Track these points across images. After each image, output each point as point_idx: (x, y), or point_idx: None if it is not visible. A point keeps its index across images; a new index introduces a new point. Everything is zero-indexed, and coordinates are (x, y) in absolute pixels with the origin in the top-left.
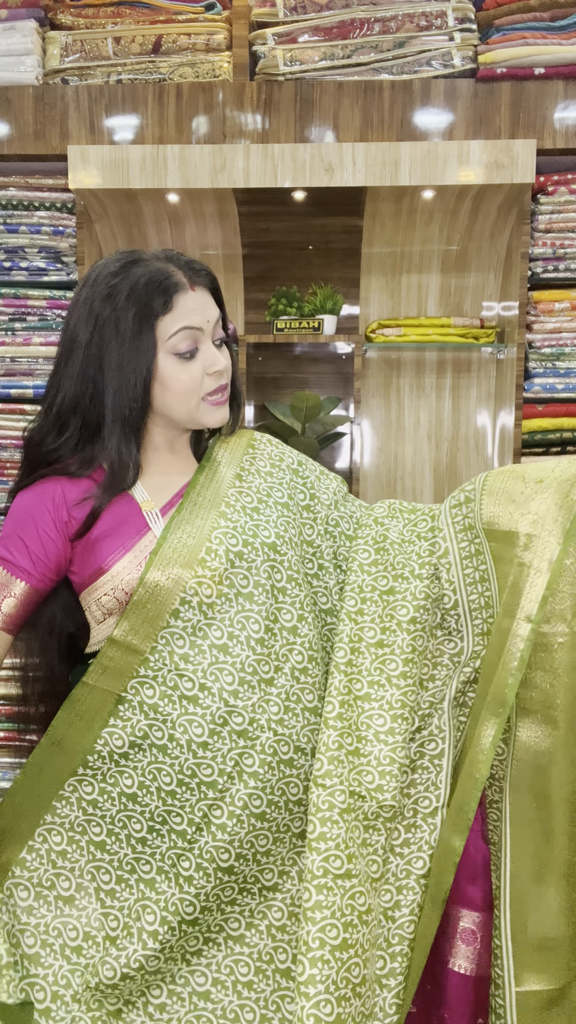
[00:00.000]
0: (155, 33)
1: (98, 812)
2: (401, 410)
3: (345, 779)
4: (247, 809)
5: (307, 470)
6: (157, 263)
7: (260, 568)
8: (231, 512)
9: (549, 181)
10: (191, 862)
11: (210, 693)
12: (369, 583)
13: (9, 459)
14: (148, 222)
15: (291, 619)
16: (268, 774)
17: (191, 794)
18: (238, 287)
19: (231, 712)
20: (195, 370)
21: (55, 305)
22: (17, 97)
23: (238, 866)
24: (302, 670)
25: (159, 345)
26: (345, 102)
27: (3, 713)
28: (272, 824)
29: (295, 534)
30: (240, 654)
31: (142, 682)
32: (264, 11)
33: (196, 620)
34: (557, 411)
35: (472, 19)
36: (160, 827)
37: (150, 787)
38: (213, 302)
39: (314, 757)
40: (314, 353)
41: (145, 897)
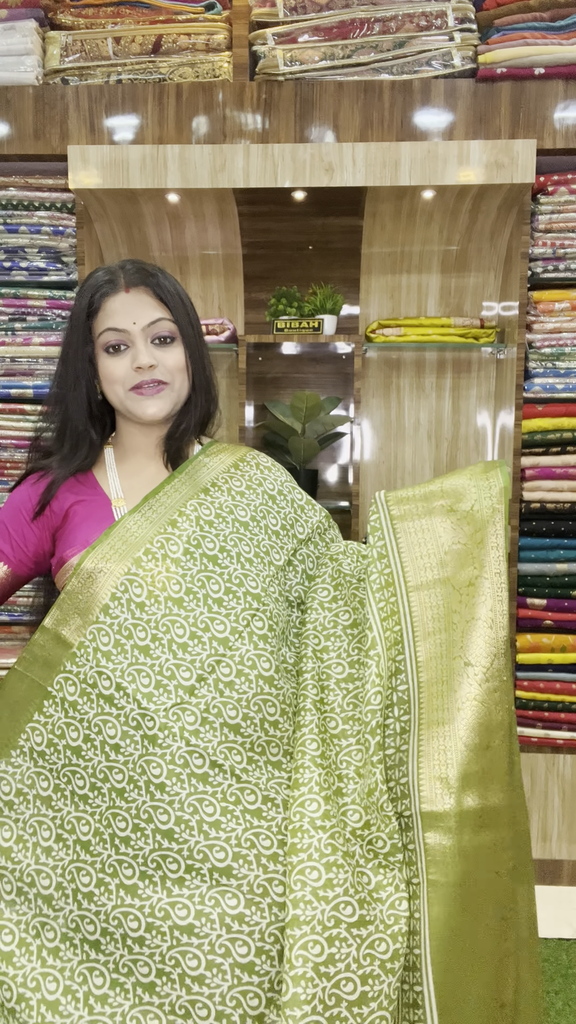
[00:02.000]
0: (155, 33)
1: (12, 814)
2: (401, 410)
3: (338, 819)
4: (152, 823)
5: (284, 500)
6: (106, 271)
7: (195, 576)
8: (182, 521)
9: (549, 181)
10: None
11: (125, 694)
12: (331, 619)
13: (9, 459)
14: (148, 222)
15: (223, 630)
16: (176, 786)
17: (102, 800)
18: (238, 287)
19: (143, 715)
20: (123, 364)
21: (55, 305)
22: (17, 97)
23: (141, 887)
24: (227, 683)
25: (95, 341)
26: (345, 102)
27: None
28: (183, 846)
29: (249, 552)
30: (160, 657)
31: (66, 678)
32: (264, 11)
33: (123, 619)
34: (557, 411)
35: (472, 19)
36: (67, 835)
37: (64, 790)
38: (153, 303)
39: (234, 777)
40: (314, 353)
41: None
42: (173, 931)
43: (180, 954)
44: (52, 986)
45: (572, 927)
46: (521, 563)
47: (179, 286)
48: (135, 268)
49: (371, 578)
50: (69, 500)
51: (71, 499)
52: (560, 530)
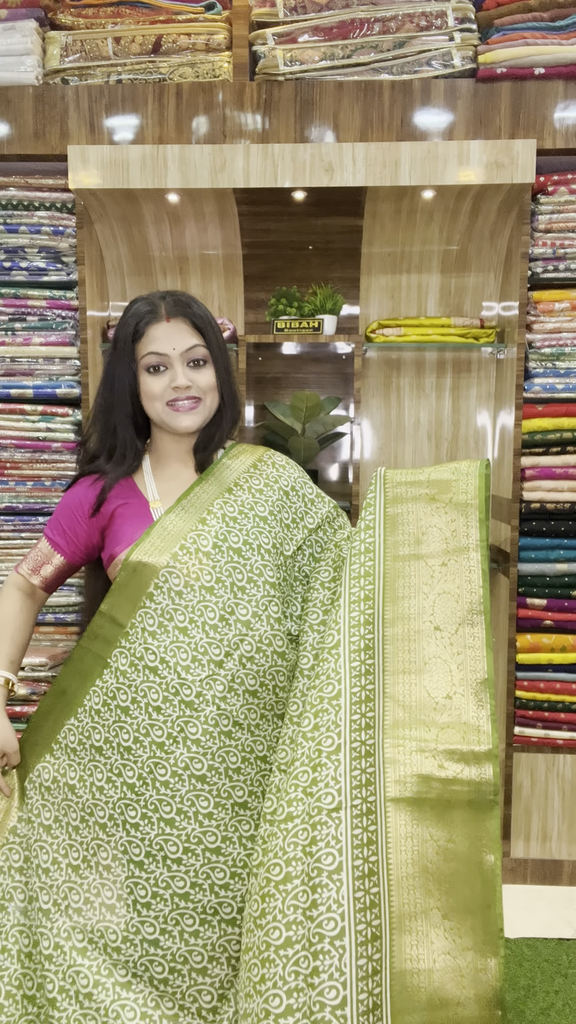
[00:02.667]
0: (155, 33)
1: (76, 759)
2: (401, 410)
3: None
4: (188, 770)
5: (296, 495)
6: (148, 301)
7: (223, 567)
8: (211, 519)
9: (549, 181)
10: (137, 811)
11: (167, 666)
12: (329, 596)
13: (9, 459)
14: (148, 222)
15: (246, 614)
16: (208, 741)
17: (143, 751)
18: (238, 287)
19: (182, 684)
20: (162, 382)
21: (55, 305)
22: (17, 97)
23: (178, 820)
24: (249, 658)
25: (138, 361)
26: (345, 102)
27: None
28: (212, 788)
29: (268, 544)
30: (195, 636)
31: (121, 651)
32: (264, 11)
33: (165, 604)
34: (557, 411)
35: (472, 19)
36: (115, 778)
37: (112, 743)
38: (191, 332)
39: (249, 732)
40: (314, 353)
41: (97, 837)
42: (205, 852)
43: (211, 870)
44: (108, 894)
45: (572, 927)
46: (521, 563)
47: (209, 314)
48: (174, 300)
49: (353, 544)
50: (114, 503)
51: (116, 502)
52: (560, 530)
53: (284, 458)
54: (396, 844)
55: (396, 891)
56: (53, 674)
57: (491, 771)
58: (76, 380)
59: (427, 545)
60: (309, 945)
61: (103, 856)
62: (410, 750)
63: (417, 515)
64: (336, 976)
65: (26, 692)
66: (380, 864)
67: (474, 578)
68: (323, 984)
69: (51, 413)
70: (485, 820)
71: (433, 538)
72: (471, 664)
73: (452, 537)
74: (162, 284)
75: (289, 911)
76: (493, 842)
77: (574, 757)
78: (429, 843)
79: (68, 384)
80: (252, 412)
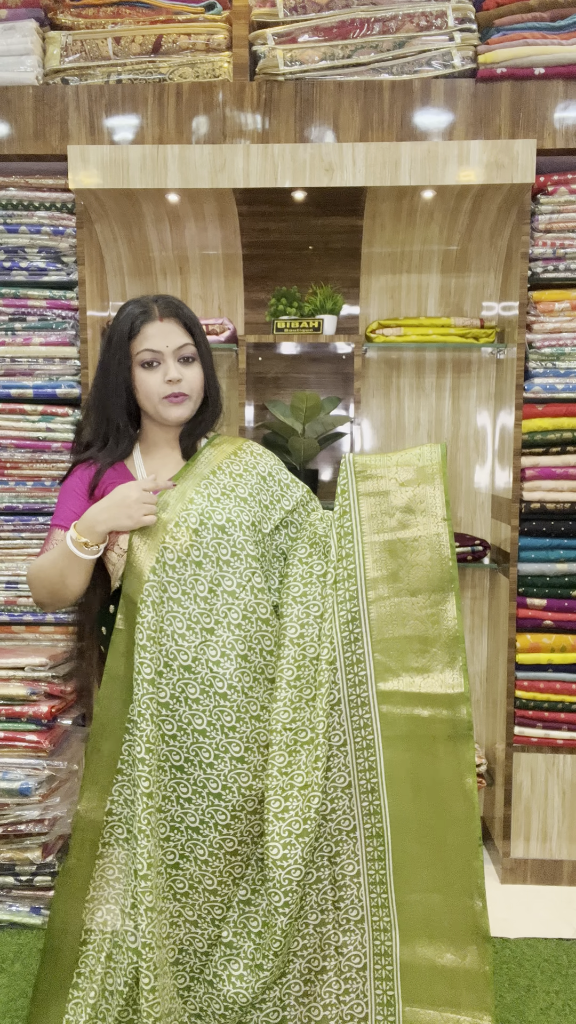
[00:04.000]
0: (155, 33)
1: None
2: (401, 410)
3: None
4: (190, 726)
5: (273, 480)
6: (141, 302)
7: (209, 543)
8: (198, 499)
9: (549, 181)
10: (168, 760)
11: (165, 635)
12: (307, 571)
13: (9, 459)
14: (148, 222)
15: (231, 585)
16: (205, 700)
17: (159, 710)
18: (238, 287)
19: (179, 651)
20: (156, 378)
21: (55, 305)
22: (17, 97)
23: (187, 767)
24: (237, 625)
25: (133, 358)
26: (345, 102)
27: (3, 713)
28: (211, 741)
29: (247, 521)
30: (188, 607)
31: (137, 625)
32: (264, 11)
33: (163, 578)
34: (557, 411)
35: (472, 19)
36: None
37: (133, 710)
38: (181, 331)
39: (242, 694)
40: (314, 353)
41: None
42: (209, 796)
43: (214, 811)
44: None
45: (572, 927)
46: (521, 563)
47: (196, 317)
48: (166, 302)
49: (334, 528)
50: (106, 486)
51: (108, 485)
52: (560, 530)
53: (260, 447)
54: (392, 769)
55: (392, 803)
56: (53, 674)
57: (465, 711)
58: (76, 380)
59: (398, 527)
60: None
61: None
62: (397, 700)
63: (387, 496)
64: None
65: (26, 692)
66: (379, 784)
67: (443, 551)
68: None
69: (51, 413)
70: (463, 750)
71: (403, 518)
72: (445, 623)
73: (420, 515)
74: (162, 284)
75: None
76: (470, 768)
77: (574, 757)
78: (422, 768)
79: (68, 384)
80: (252, 412)
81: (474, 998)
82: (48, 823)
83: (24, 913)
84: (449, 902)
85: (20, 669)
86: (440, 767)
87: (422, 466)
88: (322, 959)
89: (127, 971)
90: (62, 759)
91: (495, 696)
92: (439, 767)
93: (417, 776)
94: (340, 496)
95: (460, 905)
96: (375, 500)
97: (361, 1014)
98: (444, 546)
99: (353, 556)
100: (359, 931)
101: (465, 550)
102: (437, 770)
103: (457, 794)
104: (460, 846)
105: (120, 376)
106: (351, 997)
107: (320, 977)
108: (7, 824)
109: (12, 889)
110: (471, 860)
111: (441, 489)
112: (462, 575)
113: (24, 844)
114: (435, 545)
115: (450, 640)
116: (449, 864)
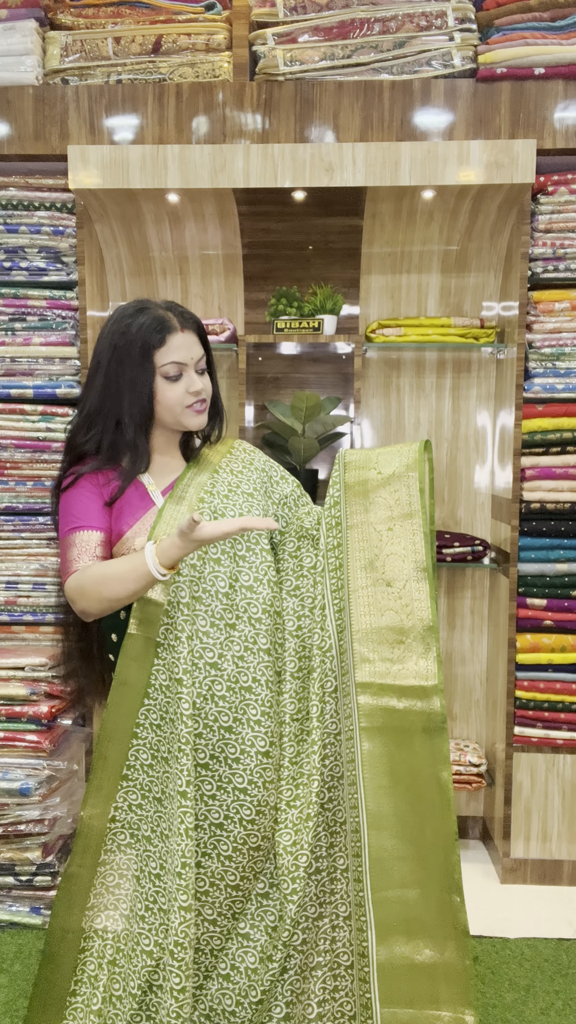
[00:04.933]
0: (155, 33)
1: (160, 733)
2: (401, 410)
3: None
4: (216, 722)
5: (266, 476)
6: (159, 311)
7: (226, 539)
8: (208, 497)
9: (549, 181)
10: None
11: (189, 633)
12: (297, 565)
13: (9, 459)
14: (148, 222)
15: (248, 580)
16: (232, 697)
17: (184, 713)
18: (238, 287)
19: (204, 648)
20: (179, 389)
21: (55, 305)
22: (17, 97)
23: (212, 764)
24: (257, 619)
25: (156, 370)
26: (345, 102)
27: (3, 713)
28: (237, 736)
29: (258, 516)
30: (210, 604)
31: (165, 627)
32: (264, 11)
33: (186, 576)
34: (557, 411)
35: (472, 19)
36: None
37: (165, 718)
38: (198, 342)
39: (266, 687)
40: (314, 353)
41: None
42: (235, 791)
43: (239, 806)
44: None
45: (572, 927)
46: (521, 563)
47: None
48: (181, 311)
49: (325, 518)
50: (110, 487)
51: (110, 486)
52: (560, 530)
53: (248, 444)
54: (370, 761)
55: (369, 796)
56: (53, 674)
57: (438, 703)
58: (76, 380)
59: (375, 514)
60: (327, 827)
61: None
62: (374, 690)
63: (368, 487)
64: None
65: (26, 692)
66: (358, 777)
67: (417, 540)
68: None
69: (51, 413)
70: (438, 743)
71: (381, 508)
72: (418, 613)
73: (396, 505)
74: (162, 284)
75: (312, 798)
76: (445, 760)
77: (574, 757)
78: (398, 761)
79: (68, 384)
80: (252, 412)
81: (454, 992)
82: (48, 823)
83: (24, 913)
84: (427, 897)
85: (20, 669)
86: (415, 760)
87: (403, 460)
88: (316, 954)
89: (140, 974)
90: (62, 759)
91: (495, 696)
92: (415, 760)
93: (393, 769)
94: (331, 487)
95: (438, 900)
96: (358, 490)
97: (350, 1012)
98: (417, 534)
99: (341, 546)
100: (347, 927)
101: (465, 550)
102: (413, 763)
103: (433, 787)
104: (437, 840)
105: (143, 388)
106: (341, 995)
107: (314, 973)
108: (7, 824)
109: (12, 889)
110: (448, 854)
111: (415, 480)
112: (462, 575)
113: (24, 844)
114: (408, 534)
115: (424, 631)
116: (426, 859)
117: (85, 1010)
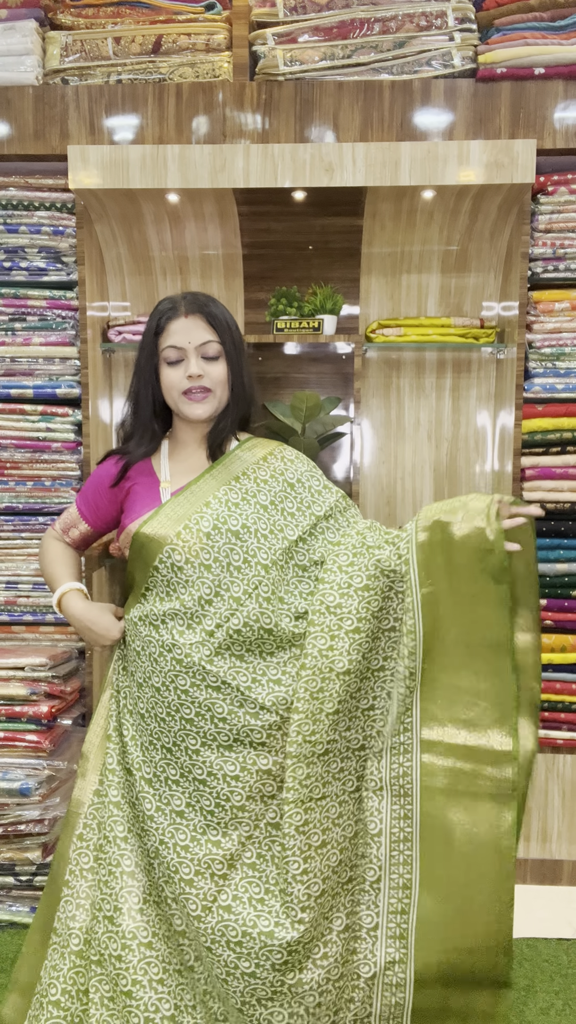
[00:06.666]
0: (155, 33)
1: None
2: (401, 410)
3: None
4: (179, 712)
5: (303, 487)
6: (171, 300)
7: (221, 548)
8: (214, 502)
9: (549, 181)
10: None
11: (165, 627)
12: (346, 580)
13: (9, 459)
14: (148, 222)
15: (238, 591)
16: (196, 692)
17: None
18: (238, 287)
19: (174, 645)
20: (178, 373)
21: (55, 305)
22: (17, 97)
23: (203, 751)
24: (237, 631)
25: (159, 354)
26: (345, 102)
27: (3, 713)
28: (199, 730)
29: (265, 529)
30: (191, 607)
31: (138, 605)
32: (264, 11)
33: (168, 576)
34: (557, 411)
35: (472, 19)
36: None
37: (145, 715)
38: (206, 328)
39: (236, 690)
40: (314, 353)
41: None
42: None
43: (230, 792)
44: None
45: (572, 927)
46: None
47: (228, 314)
48: (193, 298)
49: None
50: (132, 480)
51: (134, 480)
52: (560, 530)
53: (295, 452)
54: (426, 820)
55: (425, 855)
56: (53, 674)
57: (511, 771)
58: (76, 380)
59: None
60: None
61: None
62: (440, 751)
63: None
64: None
65: (26, 692)
66: (413, 834)
67: (501, 618)
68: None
69: (51, 413)
70: (504, 811)
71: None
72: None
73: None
74: (162, 284)
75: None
76: (510, 830)
77: (574, 757)
78: (456, 825)
79: (68, 384)
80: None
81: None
82: (48, 823)
83: (24, 913)
84: (473, 960)
85: (20, 669)
86: (478, 825)
87: (475, 521)
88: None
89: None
90: (62, 759)
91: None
92: (477, 824)
93: (449, 831)
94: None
95: (484, 963)
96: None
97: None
98: (502, 614)
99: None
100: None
101: None
102: (475, 828)
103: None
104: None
105: (150, 372)
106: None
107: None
108: (7, 824)
109: (12, 889)
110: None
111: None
112: None
113: (24, 844)
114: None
115: (502, 697)
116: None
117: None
